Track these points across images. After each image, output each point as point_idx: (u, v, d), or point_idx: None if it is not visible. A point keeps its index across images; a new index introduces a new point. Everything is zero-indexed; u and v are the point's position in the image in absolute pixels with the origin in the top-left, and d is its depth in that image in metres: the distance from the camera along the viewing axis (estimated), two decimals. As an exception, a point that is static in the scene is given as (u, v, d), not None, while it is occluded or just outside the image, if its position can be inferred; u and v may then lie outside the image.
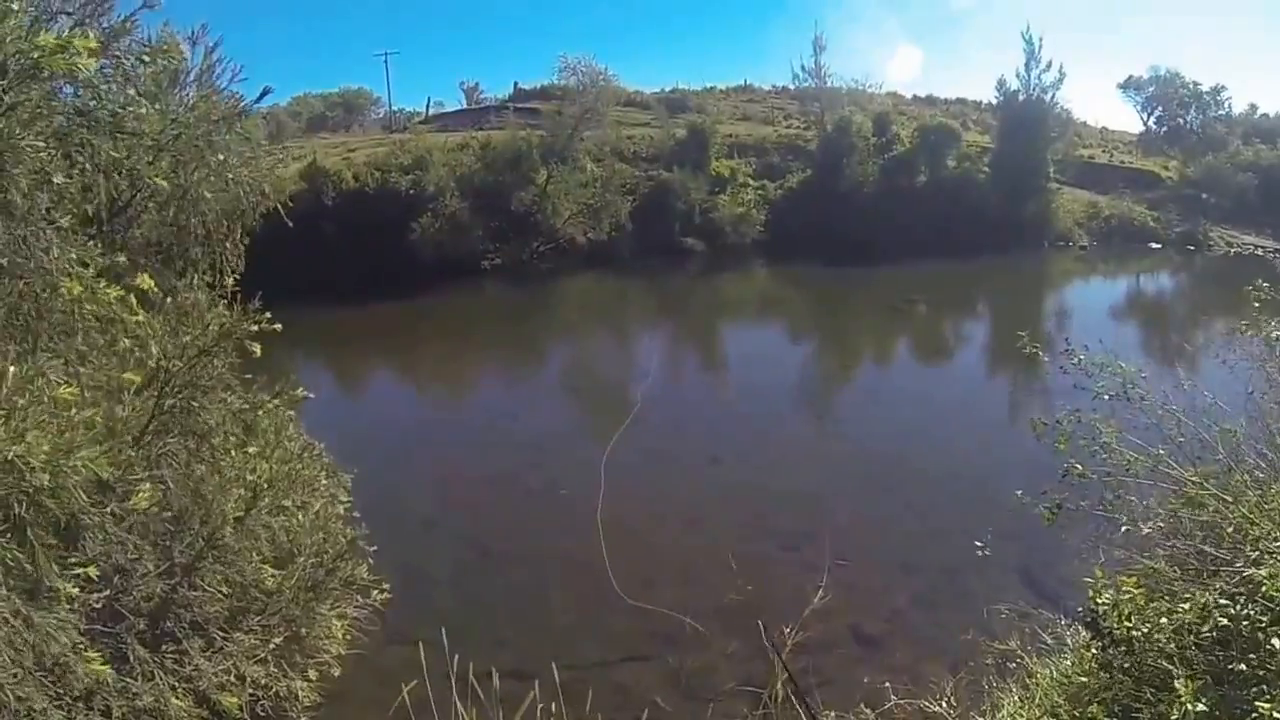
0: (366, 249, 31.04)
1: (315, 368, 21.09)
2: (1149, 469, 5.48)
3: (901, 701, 7.01)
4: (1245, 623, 3.96)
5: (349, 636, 7.10)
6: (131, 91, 5.52)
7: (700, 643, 8.43)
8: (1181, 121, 53.75)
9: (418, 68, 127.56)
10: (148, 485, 4.82)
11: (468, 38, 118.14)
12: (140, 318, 5.58)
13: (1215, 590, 4.27)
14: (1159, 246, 40.90)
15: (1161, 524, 5.36)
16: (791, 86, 55.05)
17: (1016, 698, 6.25)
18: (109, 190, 5.27)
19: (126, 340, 5.39)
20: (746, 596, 9.12)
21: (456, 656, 5.30)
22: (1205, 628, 4.06)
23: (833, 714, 7.04)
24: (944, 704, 6.75)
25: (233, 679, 5.68)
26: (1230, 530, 4.72)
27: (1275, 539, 4.38)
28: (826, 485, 12.85)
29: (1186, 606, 4.24)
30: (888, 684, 7.22)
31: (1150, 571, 5.04)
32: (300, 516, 6.97)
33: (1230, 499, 4.88)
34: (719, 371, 22.31)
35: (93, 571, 4.27)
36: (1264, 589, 3.91)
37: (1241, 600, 4.07)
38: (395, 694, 5.57)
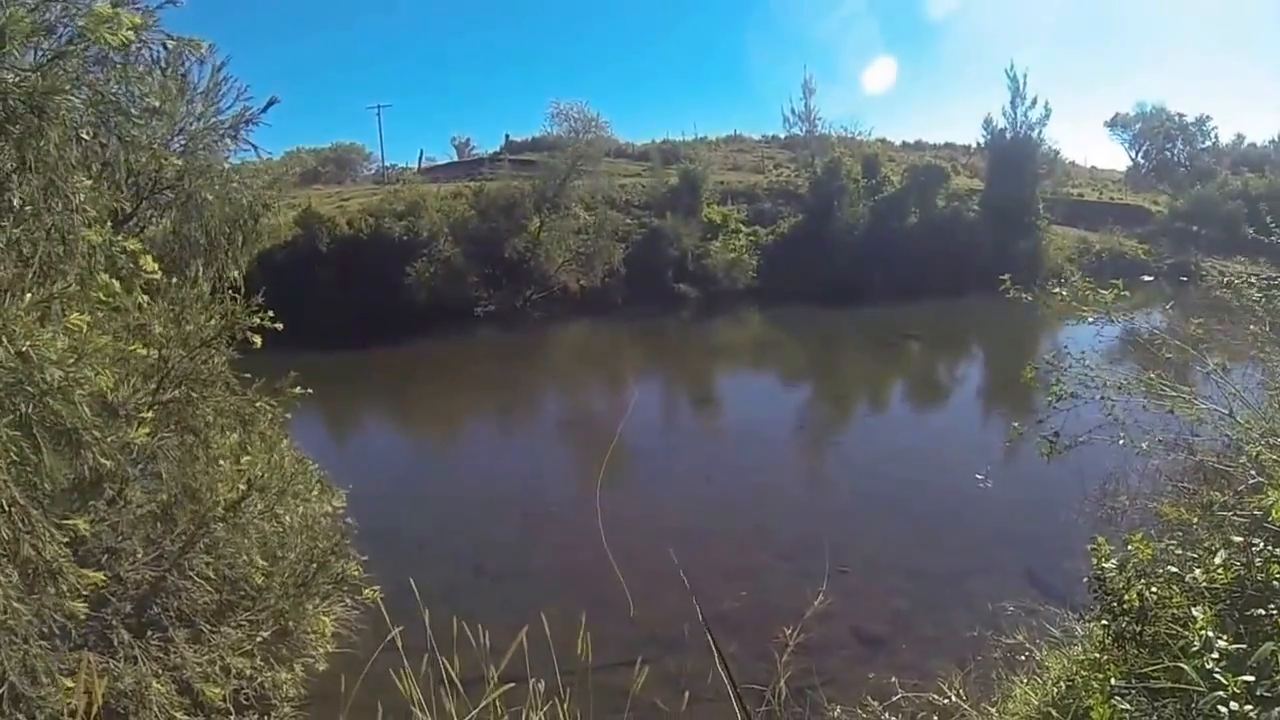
0: (361, 294, 31.16)
1: (309, 410, 20.96)
2: (1144, 389, 5.49)
3: (910, 695, 6.84)
4: (1258, 557, 3.87)
5: (338, 634, 6.94)
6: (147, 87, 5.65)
7: (700, 647, 8.23)
8: (1169, 154, 54.55)
9: (407, 126, 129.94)
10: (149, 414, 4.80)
11: (458, 95, 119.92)
12: (141, 299, 5.61)
13: (1227, 526, 4.19)
14: (1151, 279, 40.95)
15: (1160, 440, 5.33)
16: (781, 135, 55.94)
17: (1027, 686, 6.11)
18: (129, 164, 5.38)
19: (133, 304, 5.40)
20: (746, 603, 8.99)
21: (455, 659, 5.13)
22: (1218, 564, 3.94)
23: (838, 709, 6.87)
24: (953, 696, 6.58)
25: (217, 670, 5.53)
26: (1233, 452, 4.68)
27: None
28: (824, 502, 12.82)
29: (1198, 555, 4.15)
30: (894, 679, 7.06)
31: (1157, 517, 4.96)
32: (290, 518, 6.85)
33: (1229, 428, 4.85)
34: (713, 407, 22.18)
35: (83, 525, 4.21)
36: (1272, 515, 3.82)
37: (1253, 535, 3.99)
38: (384, 697, 5.39)
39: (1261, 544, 3.96)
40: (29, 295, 4.15)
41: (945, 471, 13.67)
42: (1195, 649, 3.42)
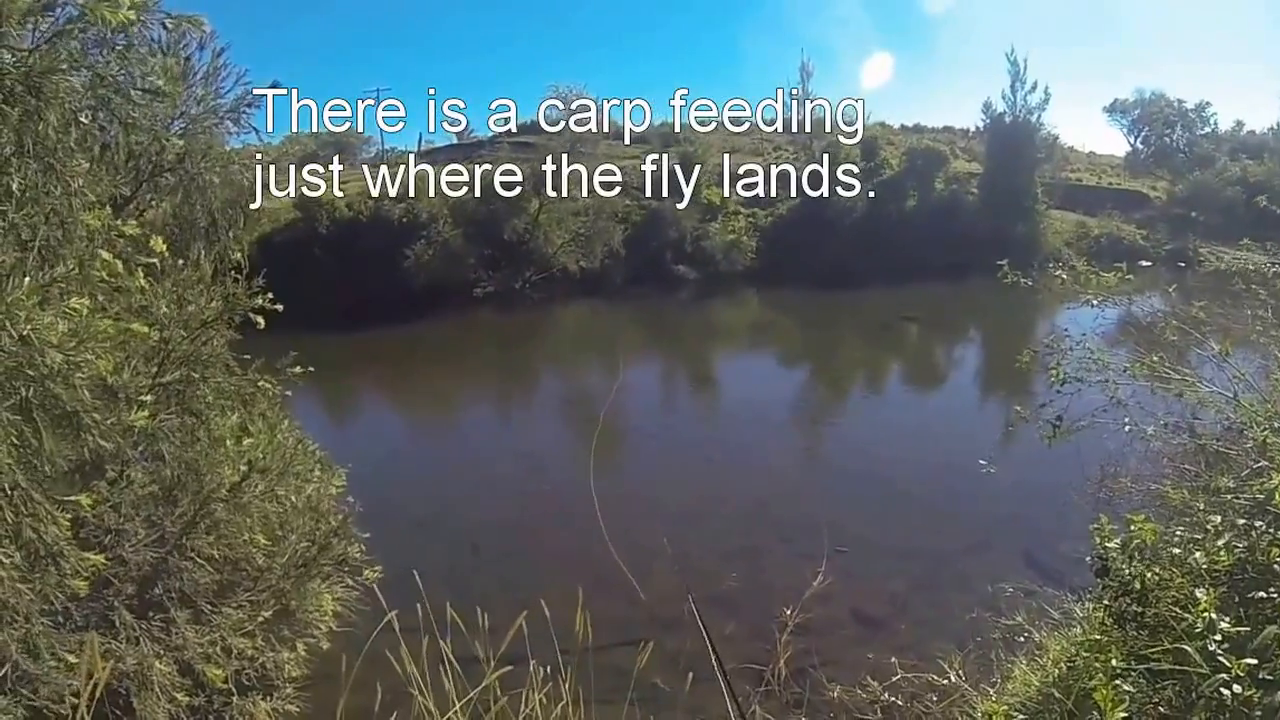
0: (360, 276, 30.96)
1: (309, 391, 20.91)
2: (1148, 372, 5.50)
3: (909, 675, 6.87)
4: (1262, 538, 3.86)
5: (340, 614, 6.95)
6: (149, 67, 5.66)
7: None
8: (1168, 140, 54.15)
9: (406, 109, 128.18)
10: (149, 398, 4.79)
11: (456, 78, 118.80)
12: (142, 282, 5.58)
13: (1229, 509, 4.18)
14: (1149, 264, 40.81)
15: (1163, 423, 5.34)
16: (779, 118, 55.31)
17: (1027, 667, 6.12)
18: (129, 146, 5.38)
19: (135, 285, 5.37)
20: (744, 583, 9.02)
21: (455, 641, 5.11)
22: (1220, 546, 3.93)
23: (838, 689, 6.91)
24: (952, 676, 6.61)
25: (219, 650, 5.52)
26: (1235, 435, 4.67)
27: None
28: (822, 483, 12.87)
29: (1200, 537, 4.14)
30: (894, 659, 7.10)
31: (1159, 497, 4.95)
32: (294, 499, 6.85)
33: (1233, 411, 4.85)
34: (712, 388, 22.26)
35: (85, 502, 4.20)
36: (1275, 499, 3.81)
37: (1255, 518, 3.98)
38: (383, 676, 5.38)
39: (1264, 527, 3.95)
40: (28, 280, 4.11)
41: (943, 453, 13.65)
42: (1197, 631, 3.41)
